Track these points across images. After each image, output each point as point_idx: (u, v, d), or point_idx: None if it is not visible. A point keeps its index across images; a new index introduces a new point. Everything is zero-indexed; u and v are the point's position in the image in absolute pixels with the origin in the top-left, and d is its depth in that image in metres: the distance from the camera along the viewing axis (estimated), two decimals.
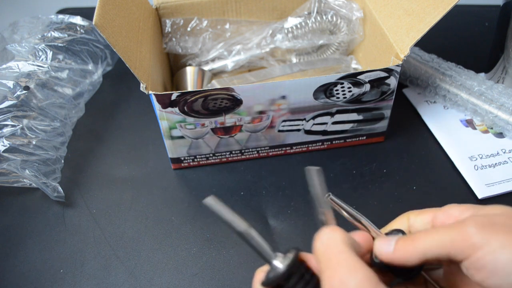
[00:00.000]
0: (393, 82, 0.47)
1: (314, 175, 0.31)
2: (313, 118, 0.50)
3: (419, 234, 0.28)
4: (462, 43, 0.69)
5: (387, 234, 0.31)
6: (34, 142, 0.50)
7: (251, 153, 0.53)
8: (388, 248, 0.29)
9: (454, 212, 0.30)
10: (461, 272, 0.28)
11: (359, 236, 0.31)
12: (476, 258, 0.25)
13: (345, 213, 0.31)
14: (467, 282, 0.28)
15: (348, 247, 0.26)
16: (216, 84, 0.54)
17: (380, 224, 0.33)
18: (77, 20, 0.63)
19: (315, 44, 0.58)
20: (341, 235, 0.27)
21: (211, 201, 0.29)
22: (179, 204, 0.50)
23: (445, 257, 0.26)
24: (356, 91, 0.47)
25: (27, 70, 0.55)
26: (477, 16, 0.74)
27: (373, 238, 0.30)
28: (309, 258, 0.30)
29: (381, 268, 0.30)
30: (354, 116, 0.51)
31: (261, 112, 0.47)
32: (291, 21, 0.58)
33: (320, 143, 0.53)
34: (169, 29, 0.58)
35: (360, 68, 0.59)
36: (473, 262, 0.25)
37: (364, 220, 0.31)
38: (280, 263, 0.28)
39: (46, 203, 0.50)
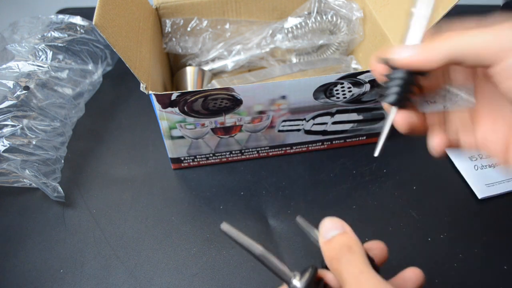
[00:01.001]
0: None
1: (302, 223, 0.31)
2: (313, 118, 0.50)
3: (448, 33, 0.25)
4: None
5: None
6: (34, 142, 0.50)
7: (251, 153, 0.53)
8: (410, 51, 0.27)
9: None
10: (483, 82, 0.26)
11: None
12: (509, 63, 0.23)
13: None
14: (488, 93, 0.27)
15: (367, 266, 0.26)
16: (216, 84, 0.54)
17: (381, 224, 0.33)
18: (77, 20, 0.63)
19: (315, 44, 0.58)
20: (359, 254, 0.27)
21: (226, 227, 0.30)
22: (179, 204, 0.50)
23: (472, 61, 0.24)
24: (356, 91, 0.47)
25: (27, 70, 0.55)
26: (477, 16, 0.74)
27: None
28: (326, 275, 0.30)
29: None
30: (354, 116, 0.51)
31: (261, 112, 0.47)
32: (291, 21, 0.58)
33: (320, 143, 0.53)
34: (169, 29, 0.58)
35: (360, 68, 0.59)
36: (504, 68, 0.23)
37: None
38: (298, 282, 0.29)
39: (46, 203, 0.50)
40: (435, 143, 0.32)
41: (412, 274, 0.29)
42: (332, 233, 0.29)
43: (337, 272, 0.28)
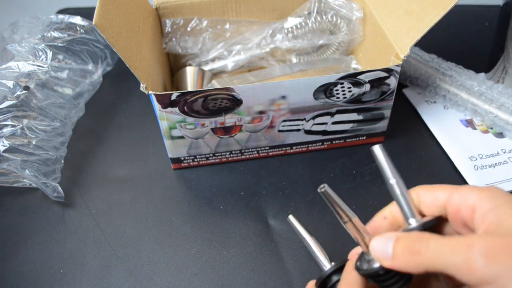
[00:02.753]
0: (393, 82, 0.47)
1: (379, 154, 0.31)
2: (313, 118, 0.50)
3: (419, 245, 0.25)
4: (462, 43, 0.69)
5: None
6: (34, 142, 0.50)
7: (251, 153, 0.53)
8: (388, 261, 0.27)
9: (472, 199, 0.26)
10: None
11: None
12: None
13: (337, 209, 0.29)
14: None
15: None
16: (216, 84, 0.54)
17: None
18: (77, 20, 0.63)
19: (315, 44, 0.58)
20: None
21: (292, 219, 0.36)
22: (179, 204, 0.50)
23: (452, 274, 0.23)
24: (356, 91, 0.47)
25: (27, 70, 0.55)
26: (477, 16, 0.74)
27: (362, 241, 0.29)
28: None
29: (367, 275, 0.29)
30: (354, 116, 0.51)
31: (261, 112, 0.47)
32: (291, 21, 0.58)
33: (320, 143, 0.53)
34: (169, 29, 0.58)
35: (360, 68, 0.59)
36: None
37: (356, 220, 0.30)
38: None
39: (46, 203, 0.50)
40: None
41: None
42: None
43: None
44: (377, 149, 0.31)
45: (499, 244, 0.22)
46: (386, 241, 0.27)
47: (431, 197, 0.29)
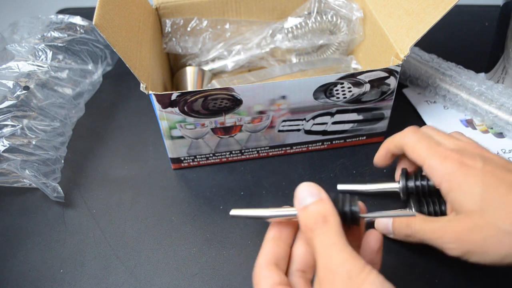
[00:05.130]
0: (393, 82, 0.47)
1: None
2: (313, 118, 0.50)
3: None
4: (462, 43, 0.69)
5: None
6: (34, 142, 0.50)
7: (251, 153, 0.53)
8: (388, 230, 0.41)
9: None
10: None
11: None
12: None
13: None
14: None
15: (340, 238, 0.28)
16: (216, 84, 0.54)
17: None
18: (77, 20, 0.63)
19: (315, 44, 0.58)
20: (333, 224, 0.29)
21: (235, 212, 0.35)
22: (179, 204, 0.50)
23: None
24: (356, 91, 0.47)
25: (27, 70, 0.55)
26: (477, 16, 0.74)
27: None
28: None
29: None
30: (354, 116, 0.51)
31: (261, 112, 0.47)
32: (291, 21, 0.58)
33: (320, 143, 0.53)
34: (169, 29, 0.58)
35: (360, 68, 0.59)
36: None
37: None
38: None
39: (46, 203, 0.50)
40: None
41: (372, 236, 0.32)
42: (308, 200, 0.30)
43: (310, 242, 0.29)
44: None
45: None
46: (387, 221, 0.41)
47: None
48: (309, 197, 0.30)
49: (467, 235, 0.34)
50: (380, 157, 0.45)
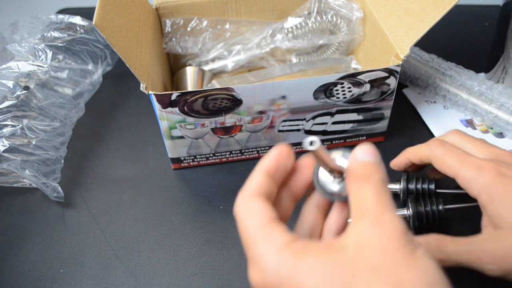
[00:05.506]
0: (393, 82, 0.47)
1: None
2: (313, 118, 0.50)
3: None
4: (462, 43, 0.69)
5: None
6: (34, 142, 0.50)
7: (251, 153, 0.53)
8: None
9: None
10: None
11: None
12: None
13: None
14: None
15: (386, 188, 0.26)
16: (216, 84, 0.54)
17: None
18: (77, 20, 0.63)
19: (315, 44, 0.58)
20: (383, 184, 0.26)
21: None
22: (179, 204, 0.50)
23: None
24: (356, 91, 0.47)
25: (27, 70, 0.55)
26: (477, 16, 0.74)
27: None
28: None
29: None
30: (354, 116, 0.51)
31: (261, 112, 0.47)
32: (291, 21, 0.58)
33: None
34: (169, 29, 0.58)
35: (360, 68, 0.59)
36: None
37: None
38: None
39: (46, 203, 0.50)
40: None
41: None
42: (368, 158, 0.27)
43: (355, 191, 0.26)
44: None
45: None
46: None
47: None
48: (369, 156, 0.27)
49: (510, 254, 0.31)
50: (398, 165, 0.44)
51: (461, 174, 0.36)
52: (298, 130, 0.51)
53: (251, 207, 0.27)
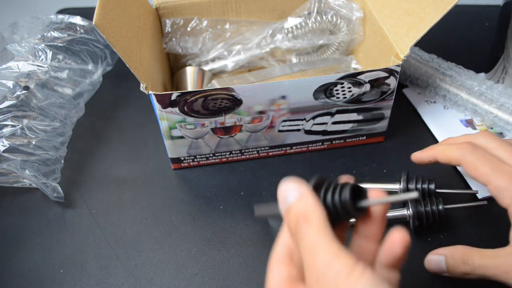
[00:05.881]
0: (393, 82, 0.47)
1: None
2: (313, 118, 0.50)
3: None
4: (462, 43, 0.69)
5: None
6: (34, 142, 0.50)
7: (251, 153, 0.53)
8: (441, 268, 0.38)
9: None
10: None
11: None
12: None
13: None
14: None
15: (323, 237, 0.25)
16: (216, 84, 0.54)
17: None
18: (77, 20, 0.63)
19: (315, 44, 0.58)
20: (315, 222, 0.26)
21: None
22: (179, 204, 0.50)
23: None
24: (356, 91, 0.47)
25: (27, 70, 0.55)
26: (477, 16, 0.74)
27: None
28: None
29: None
30: (354, 116, 0.51)
31: (261, 112, 0.47)
32: (291, 21, 0.58)
33: (320, 143, 0.53)
34: (169, 29, 0.58)
35: (360, 68, 0.59)
36: None
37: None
38: None
39: (46, 203, 0.50)
40: None
41: (397, 235, 0.27)
42: (290, 199, 0.27)
43: (297, 246, 0.27)
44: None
45: None
46: (439, 260, 0.37)
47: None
48: (290, 195, 0.28)
49: None
50: (422, 160, 0.42)
51: (493, 182, 0.35)
52: (298, 130, 0.51)
53: (270, 270, 0.29)
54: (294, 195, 0.27)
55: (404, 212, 0.43)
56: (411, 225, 0.43)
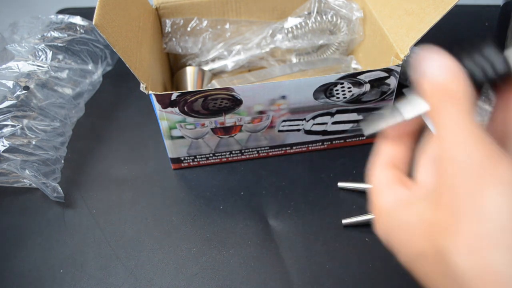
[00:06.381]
0: (393, 82, 0.47)
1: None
2: (313, 118, 0.50)
3: None
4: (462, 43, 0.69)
5: None
6: (34, 142, 0.50)
7: (251, 153, 0.53)
8: None
9: None
10: None
11: None
12: None
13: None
14: None
15: (471, 112, 0.23)
16: (216, 84, 0.54)
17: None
18: (77, 20, 0.63)
19: (315, 44, 0.58)
20: (464, 102, 0.23)
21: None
22: (179, 204, 0.50)
23: None
24: (356, 91, 0.47)
25: (27, 70, 0.55)
26: (477, 16, 0.74)
27: None
28: None
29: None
30: (354, 116, 0.51)
31: (261, 112, 0.47)
32: (291, 21, 0.58)
33: (320, 143, 0.53)
34: (169, 29, 0.58)
35: (360, 68, 0.59)
36: None
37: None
38: None
39: (46, 203, 0.50)
40: None
41: None
42: (435, 71, 0.25)
43: (435, 125, 0.25)
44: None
45: None
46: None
47: None
48: (433, 64, 0.24)
49: None
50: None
51: None
52: (298, 130, 0.51)
53: (374, 175, 0.28)
54: (439, 66, 0.24)
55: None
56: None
